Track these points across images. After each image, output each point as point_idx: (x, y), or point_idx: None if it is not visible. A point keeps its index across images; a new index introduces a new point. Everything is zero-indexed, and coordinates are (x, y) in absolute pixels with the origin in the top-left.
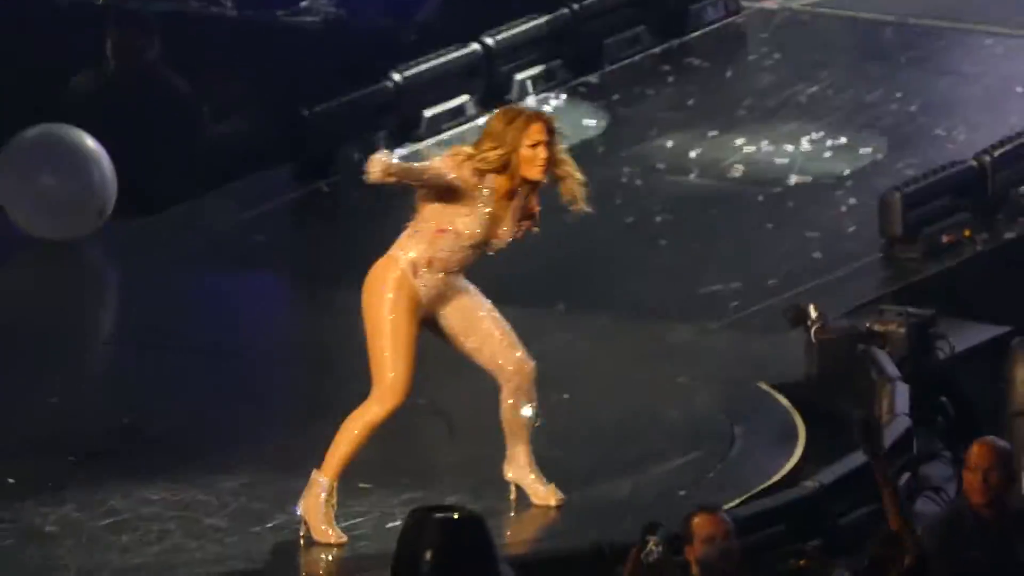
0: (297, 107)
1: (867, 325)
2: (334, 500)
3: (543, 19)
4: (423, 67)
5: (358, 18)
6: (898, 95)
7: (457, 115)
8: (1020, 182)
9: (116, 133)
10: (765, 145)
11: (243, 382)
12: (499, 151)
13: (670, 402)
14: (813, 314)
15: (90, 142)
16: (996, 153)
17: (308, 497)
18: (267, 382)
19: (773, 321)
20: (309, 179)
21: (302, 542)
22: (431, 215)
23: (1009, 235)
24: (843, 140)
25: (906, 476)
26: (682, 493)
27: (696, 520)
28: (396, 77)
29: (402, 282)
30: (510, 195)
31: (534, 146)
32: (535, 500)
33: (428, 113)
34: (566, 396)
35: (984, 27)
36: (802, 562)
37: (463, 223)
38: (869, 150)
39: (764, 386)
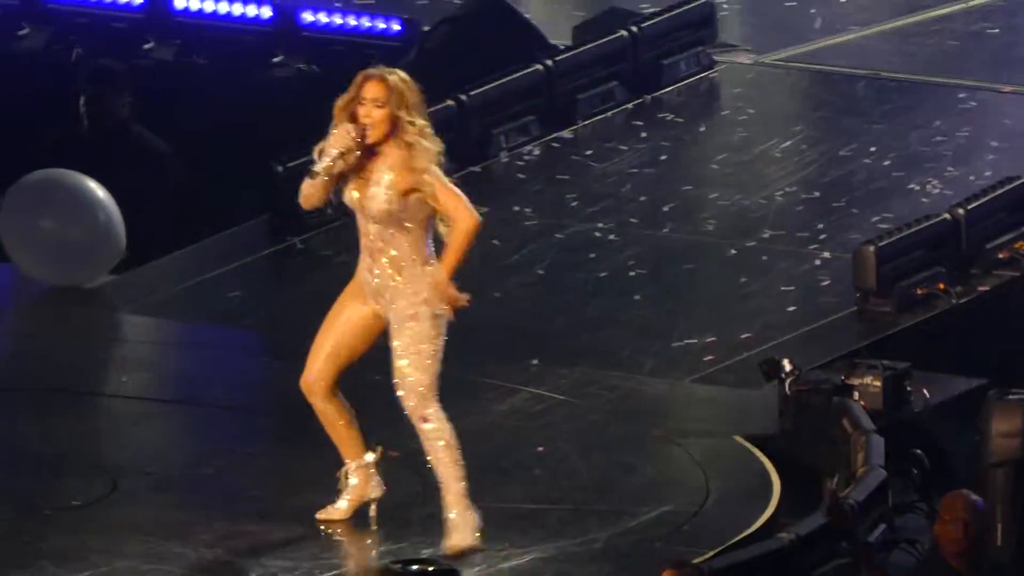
0: (270, 162)
1: (842, 378)
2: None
3: (517, 75)
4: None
5: (332, 73)
6: (872, 149)
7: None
8: (993, 235)
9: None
10: (738, 199)
11: (219, 434)
12: (338, 116)
13: (644, 456)
14: (787, 367)
15: (97, 188)
16: (969, 207)
17: None
18: (243, 434)
19: (748, 374)
20: (281, 235)
21: None
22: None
23: (983, 288)
24: (816, 194)
25: (881, 528)
26: (657, 545)
27: (668, 573)
28: None
29: (358, 270)
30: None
31: (363, 106)
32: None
33: None
34: (540, 449)
35: (957, 81)
36: None
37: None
38: (843, 204)
39: (739, 439)
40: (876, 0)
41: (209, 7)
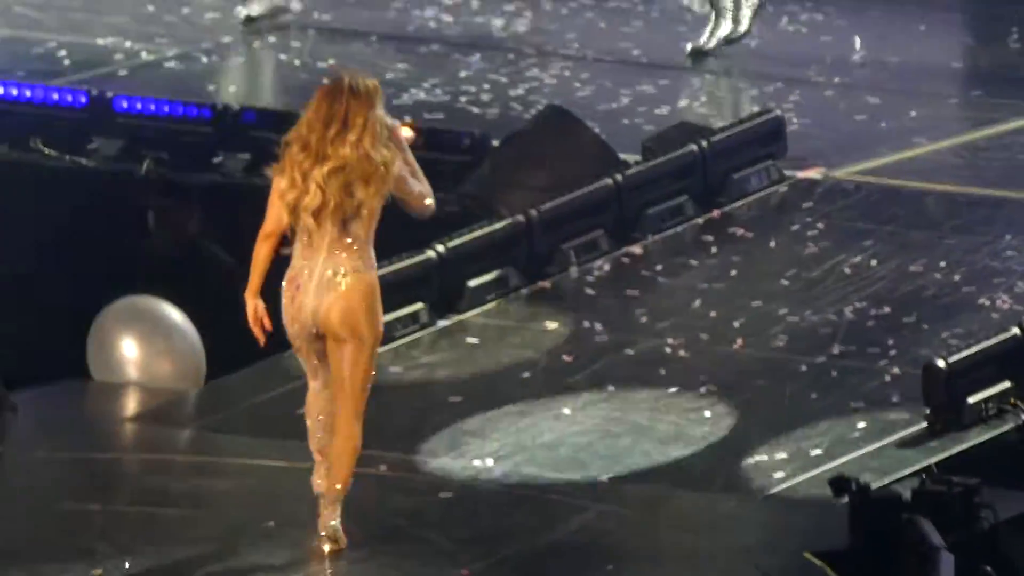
0: None
1: (912, 494)
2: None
3: (587, 189)
4: (466, 238)
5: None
6: (942, 264)
7: (500, 286)
8: None
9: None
10: (808, 315)
11: None
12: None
13: (715, 573)
14: (857, 484)
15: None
16: None
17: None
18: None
19: (818, 491)
20: None
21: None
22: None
23: None
24: (887, 309)
25: None
26: None
27: None
28: (440, 249)
29: None
30: None
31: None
32: None
33: (471, 283)
34: (610, 568)
35: None
36: None
37: None
38: (913, 319)
39: (809, 556)
40: (946, 114)
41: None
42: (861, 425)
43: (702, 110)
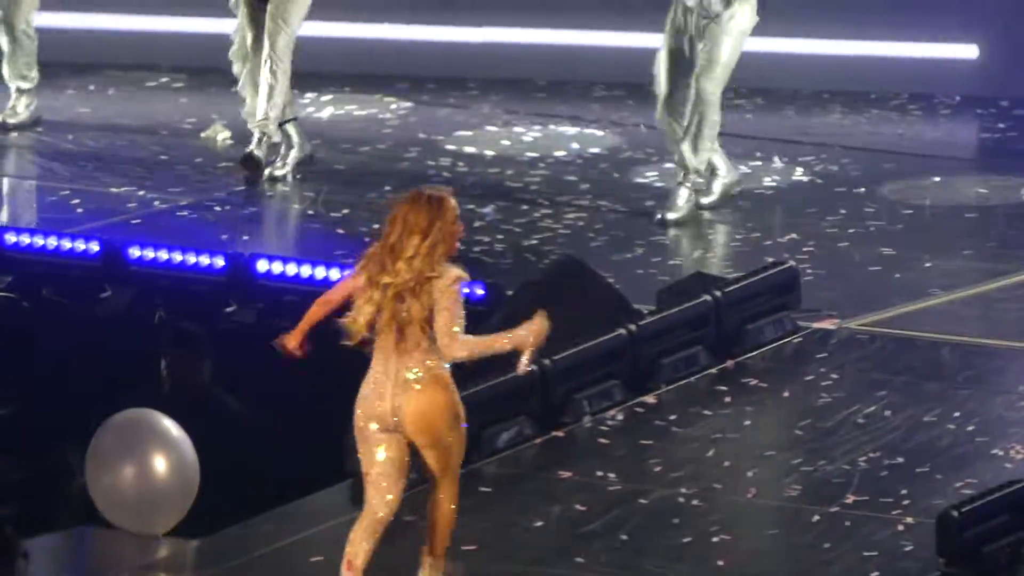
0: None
1: None
2: None
3: (600, 339)
4: (481, 387)
5: None
6: (956, 414)
7: (517, 437)
8: None
9: None
10: (822, 464)
11: None
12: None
13: None
14: None
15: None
16: None
17: None
18: None
19: None
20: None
21: None
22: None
23: None
24: (900, 459)
25: None
26: None
27: None
28: None
29: None
30: None
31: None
32: None
33: (486, 433)
34: None
35: None
36: None
37: None
38: (927, 469)
39: None
40: (960, 266)
41: (291, 270)
42: (874, 575)
43: (716, 261)
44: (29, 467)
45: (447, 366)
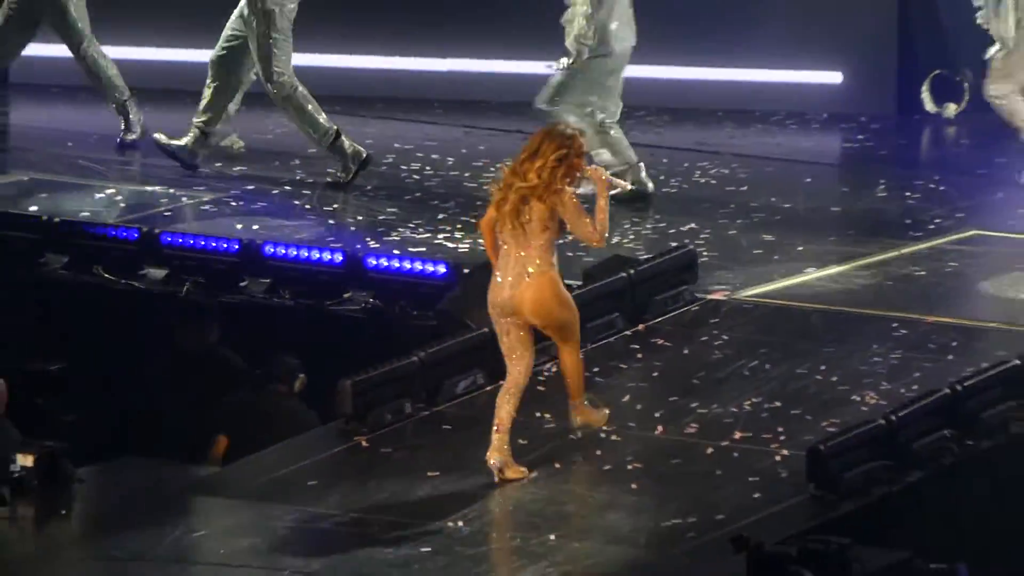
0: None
1: (797, 551)
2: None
3: None
4: (444, 345)
5: (392, 307)
6: (822, 368)
7: (471, 385)
8: (921, 435)
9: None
10: (715, 407)
11: None
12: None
13: None
14: (754, 542)
15: None
16: (900, 413)
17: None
18: None
19: (722, 548)
20: (350, 436)
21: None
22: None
23: (911, 479)
24: (778, 404)
25: None
26: None
27: None
28: (421, 355)
29: None
30: None
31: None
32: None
33: (447, 382)
34: None
35: (894, 314)
36: None
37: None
38: (799, 411)
39: None
40: (826, 249)
41: (293, 252)
42: (757, 495)
43: (630, 246)
44: (79, 411)
45: (555, 264)
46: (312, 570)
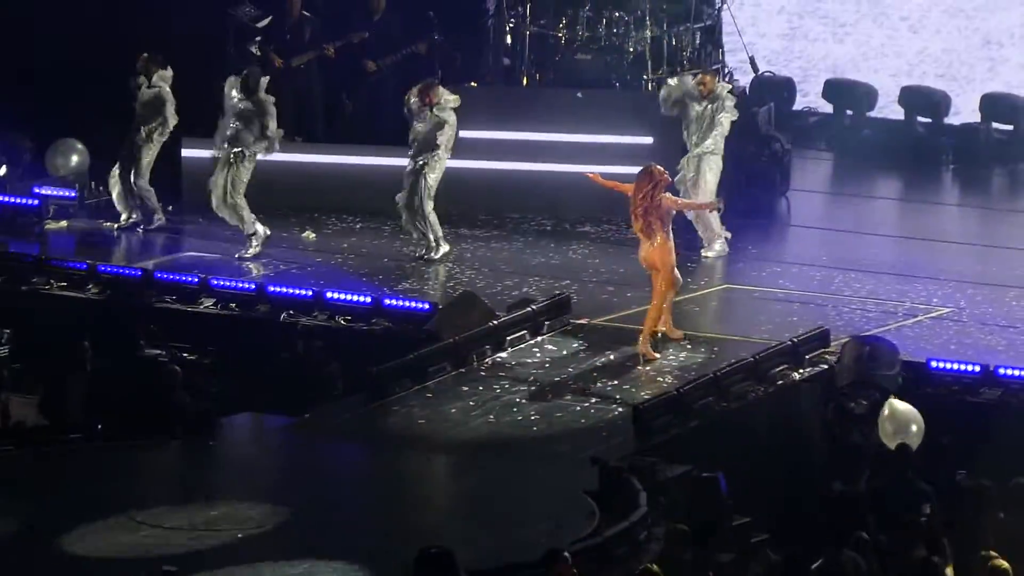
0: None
1: (628, 465)
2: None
3: (481, 328)
4: (426, 351)
5: (400, 327)
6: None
7: (439, 372)
8: (696, 400)
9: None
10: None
11: None
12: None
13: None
14: (602, 460)
15: None
16: (684, 388)
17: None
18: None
19: (584, 464)
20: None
21: None
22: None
23: (692, 425)
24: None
25: None
26: None
27: None
28: (411, 356)
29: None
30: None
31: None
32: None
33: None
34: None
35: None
36: None
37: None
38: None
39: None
40: (646, 293)
41: (345, 296)
42: (605, 434)
43: (535, 291)
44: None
45: (671, 238)
46: None
